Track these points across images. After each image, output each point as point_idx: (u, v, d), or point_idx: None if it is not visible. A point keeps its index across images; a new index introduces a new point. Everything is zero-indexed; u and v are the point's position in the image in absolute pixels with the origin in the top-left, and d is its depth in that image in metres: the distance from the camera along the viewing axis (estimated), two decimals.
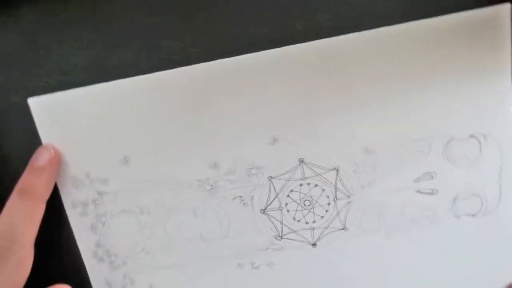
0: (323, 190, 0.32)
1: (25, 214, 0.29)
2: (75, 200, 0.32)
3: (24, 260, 0.30)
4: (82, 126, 0.31)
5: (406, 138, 0.30)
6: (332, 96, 0.30)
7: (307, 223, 0.32)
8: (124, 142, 0.31)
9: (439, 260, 0.33)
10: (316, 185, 0.32)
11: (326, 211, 0.32)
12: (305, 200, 0.32)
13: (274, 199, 0.32)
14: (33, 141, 0.31)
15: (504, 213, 0.32)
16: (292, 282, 0.34)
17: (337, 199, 0.32)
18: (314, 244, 0.33)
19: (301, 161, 0.31)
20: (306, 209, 0.32)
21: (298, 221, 0.32)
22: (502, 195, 0.31)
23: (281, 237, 0.33)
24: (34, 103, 0.30)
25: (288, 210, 0.32)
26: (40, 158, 0.30)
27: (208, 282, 0.34)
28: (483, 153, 0.31)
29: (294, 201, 0.32)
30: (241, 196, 0.32)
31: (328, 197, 0.32)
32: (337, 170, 0.31)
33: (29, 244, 0.30)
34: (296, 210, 0.32)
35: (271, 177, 0.31)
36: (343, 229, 0.33)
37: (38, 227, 0.30)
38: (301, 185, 0.32)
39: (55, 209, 0.33)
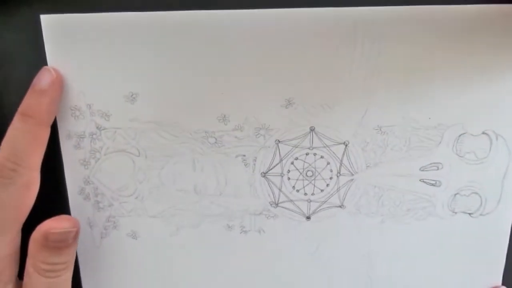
0: (328, 163, 0.31)
1: (28, 137, 0.28)
2: (72, 131, 0.31)
3: (31, 184, 0.29)
4: (93, 53, 0.29)
5: (420, 124, 0.30)
6: (354, 70, 0.29)
7: (305, 194, 0.32)
8: (133, 78, 0.30)
9: (429, 253, 0.33)
10: (322, 157, 0.31)
11: (327, 185, 0.32)
12: (308, 171, 0.31)
13: (277, 164, 0.31)
14: None
15: (500, 216, 0.32)
16: (279, 252, 0.33)
17: (340, 174, 0.31)
18: (308, 217, 0.32)
19: (312, 129, 0.30)
20: (307, 179, 0.32)
21: (297, 191, 0.32)
22: (502, 197, 0.32)
23: (277, 205, 0.32)
24: (46, 20, 0.29)
25: (289, 178, 0.32)
26: (42, 80, 0.29)
27: (192, 238, 0.33)
28: (492, 153, 0.31)
29: (297, 169, 0.31)
30: (244, 155, 0.31)
31: (331, 171, 0.31)
32: (346, 145, 0.31)
33: (36, 167, 0.29)
34: (297, 179, 0.32)
35: (279, 140, 0.31)
36: (340, 206, 0.32)
37: (44, 151, 0.29)
38: (307, 154, 0.31)
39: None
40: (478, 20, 0.28)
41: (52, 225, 0.28)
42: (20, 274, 0.30)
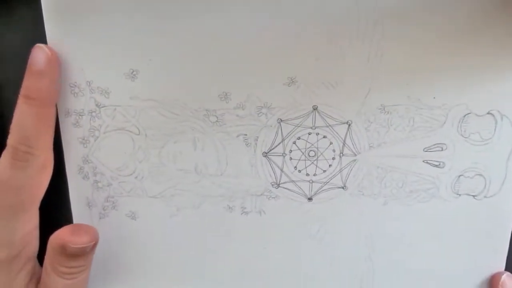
0: (331, 143, 0.31)
1: (36, 119, 0.28)
2: (71, 109, 0.30)
3: (46, 164, 0.29)
4: (93, 28, 0.29)
5: (424, 104, 0.30)
6: (358, 48, 0.29)
7: (307, 175, 0.31)
8: (134, 54, 0.29)
9: (432, 236, 0.32)
10: (324, 137, 0.31)
11: (330, 165, 0.31)
12: (311, 151, 0.31)
13: (279, 143, 0.31)
14: None
15: (504, 198, 0.31)
16: (280, 234, 0.33)
17: (343, 155, 0.31)
18: (310, 199, 0.32)
19: (315, 108, 0.30)
20: (309, 160, 0.31)
21: (299, 171, 0.31)
22: (506, 179, 0.31)
23: (278, 185, 0.32)
24: None
25: (291, 158, 0.31)
26: (38, 60, 0.28)
27: (192, 219, 0.32)
28: (496, 133, 0.30)
29: (299, 149, 0.31)
30: (245, 134, 0.31)
31: (334, 151, 0.31)
32: (349, 125, 0.30)
33: (48, 147, 0.29)
34: (299, 160, 0.31)
35: (281, 119, 0.30)
36: (342, 187, 0.32)
37: (53, 130, 0.29)
38: (309, 133, 0.31)
39: None
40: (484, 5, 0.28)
41: (70, 239, 0.28)
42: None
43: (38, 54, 0.28)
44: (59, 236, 0.28)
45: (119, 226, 0.32)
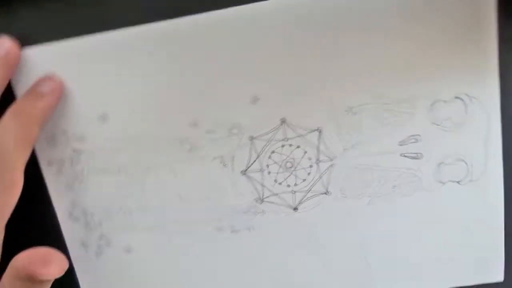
0: (305, 152, 0.31)
1: (17, 135, 0.27)
2: (51, 158, 0.32)
3: (14, 184, 0.28)
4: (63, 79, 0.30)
5: (390, 99, 0.30)
6: (315, 54, 0.29)
7: (288, 186, 0.32)
8: (103, 98, 0.30)
9: (422, 227, 0.32)
10: (298, 147, 0.31)
11: (308, 173, 0.31)
12: (287, 162, 0.31)
13: (255, 160, 0.31)
14: None
15: (489, 180, 0.31)
16: (271, 247, 0.33)
17: (319, 161, 0.31)
18: (295, 208, 0.32)
19: (283, 121, 0.30)
20: (287, 171, 0.31)
21: (280, 183, 0.32)
22: (487, 161, 0.31)
23: (262, 200, 0.32)
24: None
25: (269, 172, 0.31)
26: (43, 85, 0.29)
27: (186, 245, 0.33)
28: (468, 116, 0.30)
29: (275, 162, 0.31)
30: (221, 156, 0.31)
31: (310, 159, 0.31)
32: (320, 132, 0.30)
33: (20, 167, 0.28)
34: (278, 172, 0.31)
35: (252, 137, 0.31)
36: (325, 193, 0.32)
37: (30, 152, 0.29)
38: (283, 146, 0.31)
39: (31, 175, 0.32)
40: None
41: (42, 271, 0.26)
42: None
43: (46, 81, 0.29)
44: (29, 266, 0.25)
45: (115, 262, 0.33)
